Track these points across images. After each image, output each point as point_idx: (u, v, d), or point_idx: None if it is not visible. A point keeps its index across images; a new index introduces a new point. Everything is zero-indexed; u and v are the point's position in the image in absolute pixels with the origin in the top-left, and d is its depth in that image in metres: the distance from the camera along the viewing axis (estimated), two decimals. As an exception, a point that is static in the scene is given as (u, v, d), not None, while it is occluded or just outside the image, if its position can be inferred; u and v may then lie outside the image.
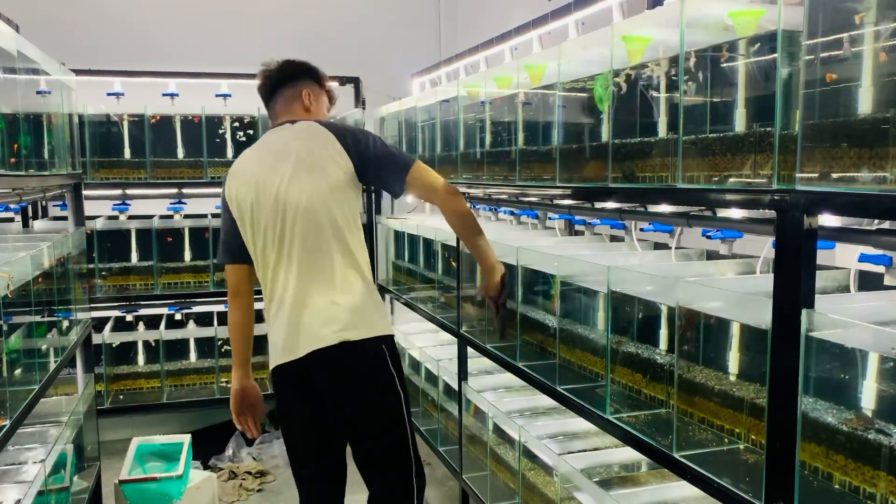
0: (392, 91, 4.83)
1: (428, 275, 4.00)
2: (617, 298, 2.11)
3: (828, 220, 1.55)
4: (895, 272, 1.64)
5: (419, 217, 4.49)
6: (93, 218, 4.36)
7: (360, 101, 4.88)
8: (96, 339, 4.21)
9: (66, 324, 3.20)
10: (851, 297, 1.71)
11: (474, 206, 3.88)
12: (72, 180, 3.51)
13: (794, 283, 1.40)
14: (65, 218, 3.83)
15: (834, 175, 1.31)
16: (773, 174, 1.46)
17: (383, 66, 5.08)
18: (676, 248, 2.36)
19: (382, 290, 4.64)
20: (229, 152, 4.50)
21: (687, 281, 1.80)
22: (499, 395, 3.18)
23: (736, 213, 1.85)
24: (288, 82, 2.43)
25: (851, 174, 1.28)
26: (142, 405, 4.36)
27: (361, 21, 5.23)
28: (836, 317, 1.36)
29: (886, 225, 1.60)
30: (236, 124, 4.51)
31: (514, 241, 2.94)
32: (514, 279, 2.72)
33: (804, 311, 1.38)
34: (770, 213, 1.47)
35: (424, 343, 4.08)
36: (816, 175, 1.35)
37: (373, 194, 4.70)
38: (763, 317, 1.47)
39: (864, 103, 1.29)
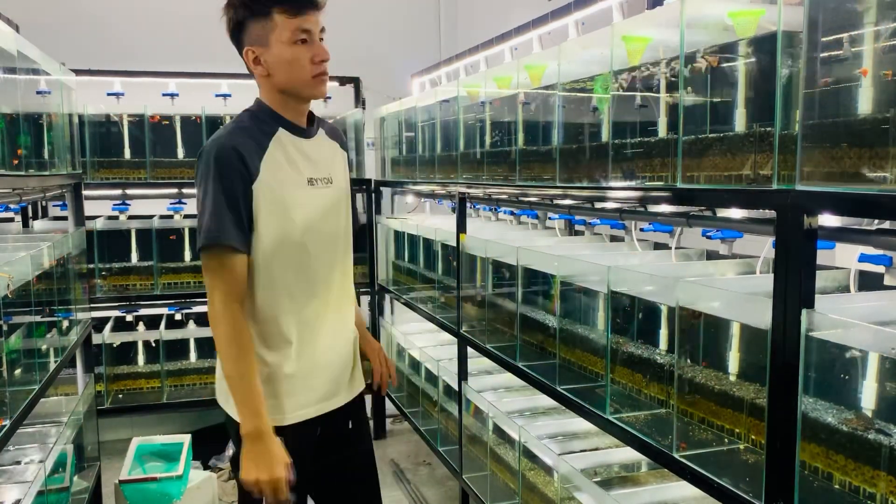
0: (392, 91, 4.84)
1: (428, 275, 4.00)
2: (617, 298, 2.11)
3: (828, 220, 1.54)
4: (895, 272, 1.64)
5: (419, 217, 4.49)
6: (93, 218, 4.36)
7: (359, 101, 4.88)
8: (96, 339, 4.20)
9: (66, 324, 3.20)
10: (851, 297, 1.71)
11: (474, 206, 3.87)
12: (72, 180, 3.51)
13: (794, 283, 1.40)
14: (65, 218, 3.84)
15: (834, 175, 1.31)
16: (774, 174, 1.46)
17: (383, 66, 5.09)
18: (676, 248, 2.36)
19: (383, 290, 4.65)
20: (229, 152, 4.50)
21: (687, 281, 1.80)
22: (499, 395, 3.18)
23: (736, 213, 1.85)
24: (239, 48, 1.85)
25: (851, 174, 1.28)
26: (142, 405, 4.35)
27: (361, 21, 5.23)
28: (836, 317, 1.36)
29: (886, 225, 1.60)
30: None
31: (514, 241, 2.95)
32: (515, 278, 2.71)
33: (804, 311, 1.38)
34: (770, 213, 1.47)
35: (424, 343, 4.08)
36: (817, 175, 1.35)
37: (372, 194, 4.70)
38: (763, 317, 1.48)
39: (864, 103, 1.29)
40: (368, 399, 4.93)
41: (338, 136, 2.02)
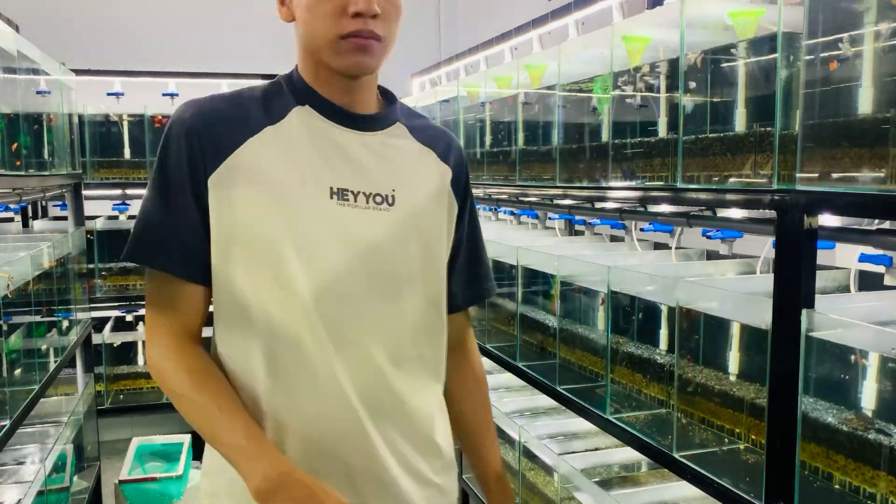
0: (392, 91, 4.84)
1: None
2: (617, 298, 2.11)
3: (828, 220, 1.54)
4: (895, 272, 1.64)
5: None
6: (93, 218, 4.36)
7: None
8: (96, 339, 4.21)
9: (65, 324, 3.20)
10: (851, 297, 1.71)
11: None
12: (72, 180, 3.51)
13: (795, 283, 1.40)
14: (65, 218, 3.84)
15: (834, 175, 1.31)
16: (774, 174, 1.46)
17: (383, 66, 5.08)
18: (676, 248, 2.36)
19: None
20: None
21: (687, 281, 1.80)
22: (499, 395, 3.18)
23: (736, 213, 1.85)
24: None
25: (851, 174, 1.28)
26: (142, 405, 4.36)
27: (361, 21, 5.23)
28: (836, 317, 1.36)
29: (887, 225, 1.60)
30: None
31: (513, 240, 2.95)
32: (514, 279, 2.72)
33: (804, 311, 1.38)
34: (770, 213, 1.47)
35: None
36: (816, 175, 1.35)
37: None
38: (763, 317, 1.48)
39: (864, 103, 1.29)
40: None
41: (438, 141, 1.29)
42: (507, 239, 3.03)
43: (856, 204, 1.28)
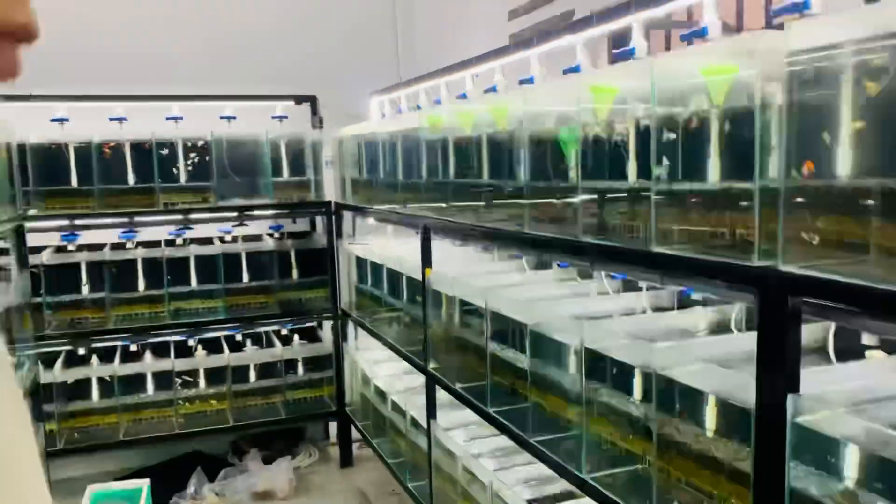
0: (351, 109, 4.71)
1: (392, 303, 3.89)
2: (591, 352, 2.03)
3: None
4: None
5: (381, 240, 4.38)
6: (39, 250, 4.17)
7: (317, 120, 4.75)
8: (47, 377, 4.03)
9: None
10: (834, 370, 1.66)
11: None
12: (12, 223, 3.33)
13: (779, 366, 1.34)
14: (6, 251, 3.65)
15: (819, 254, 1.26)
16: (755, 250, 1.40)
17: (341, 85, 4.94)
18: (648, 290, 2.31)
19: (346, 315, 4.55)
20: (182, 177, 4.34)
21: (664, 348, 1.73)
22: (470, 431, 3.11)
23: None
24: None
25: (835, 256, 1.23)
26: (98, 444, 4.18)
27: (318, 38, 5.07)
28: (824, 402, 1.31)
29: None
30: (191, 151, 4.33)
31: (479, 274, 2.89)
32: (484, 319, 2.64)
33: (790, 397, 1.33)
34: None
35: (390, 371, 3.99)
36: (800, 252, 1.29)
37: (332, 216, 4.58)
38: (747, 395, 1.42)
39: (845, 171, 1.23)
40: (333, 424, 4.82)
41: None
42: (472, 273, 2.96)
43: (849, 294, 1.22)
